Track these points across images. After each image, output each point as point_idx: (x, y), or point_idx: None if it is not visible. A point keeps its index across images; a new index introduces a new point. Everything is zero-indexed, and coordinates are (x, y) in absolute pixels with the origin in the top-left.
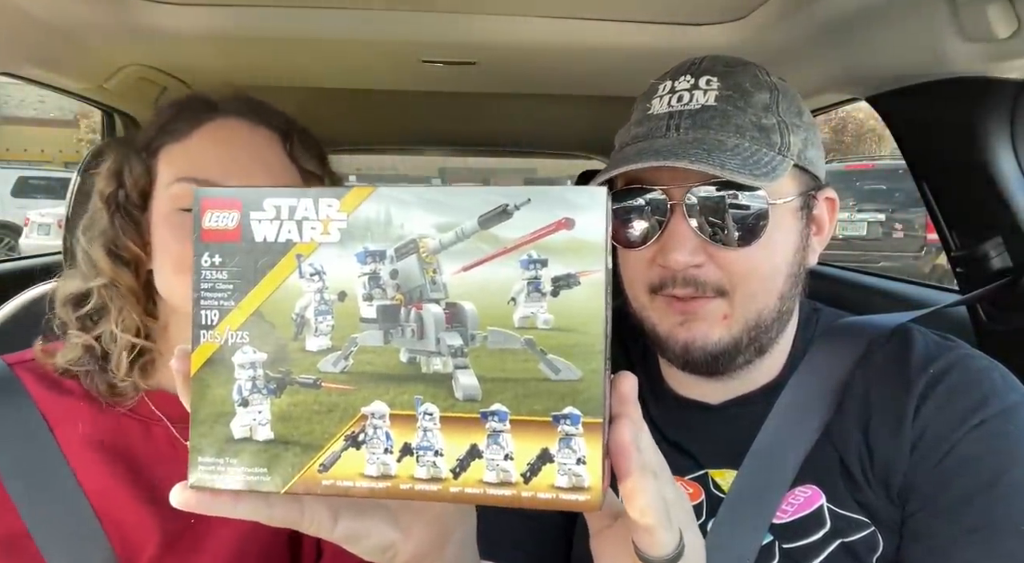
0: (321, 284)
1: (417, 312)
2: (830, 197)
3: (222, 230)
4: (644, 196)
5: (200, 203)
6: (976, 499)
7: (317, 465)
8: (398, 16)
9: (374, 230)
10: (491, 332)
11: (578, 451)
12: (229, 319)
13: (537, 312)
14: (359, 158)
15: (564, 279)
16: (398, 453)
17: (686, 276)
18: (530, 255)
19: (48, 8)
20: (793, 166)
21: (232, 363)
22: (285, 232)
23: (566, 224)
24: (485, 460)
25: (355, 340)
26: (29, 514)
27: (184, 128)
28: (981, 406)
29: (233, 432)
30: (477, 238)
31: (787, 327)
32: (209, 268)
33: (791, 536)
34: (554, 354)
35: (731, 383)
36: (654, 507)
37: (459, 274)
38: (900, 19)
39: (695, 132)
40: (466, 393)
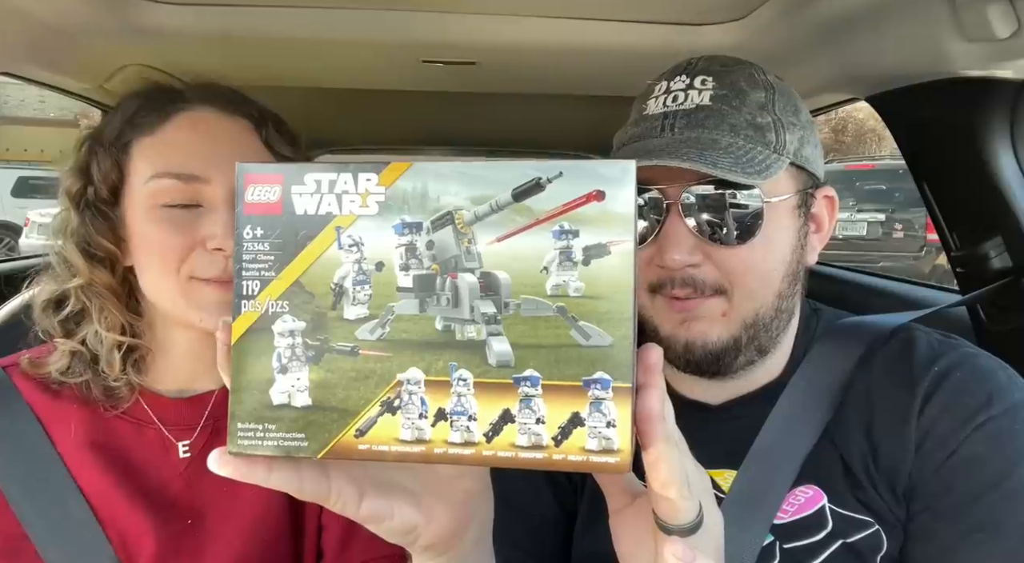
0: (359, 255)
1: (452, 281)
2: (829, 195)
3: (264, 203)
4: (641, 196)
5: (243, 178)
6: (981, 498)
7: (353, 430)
8: (398, 16)
9: (411, 203)
10: (524, 300)
11: (608, 415)
12: (270, 289)
13: (569, 280)
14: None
15: (595, 249)
16: (432, 418)
17: (684, 276)
18: (562, 226)
19: (48, 8)
20: (790, 164)
21: (272, 331)
22: (325, 205)
23: (597, 196)
24: (517, 424)
25: (392, 309)
26: (26, 516)
27: (154, 120)
28: (986, 405)
29: (272, 398)
30: (511, 210)
31: (788, 327)
32: (251, 240)
33: (792, 536)
34: (585, 321)
35: (732, 384)
36: (677, 476)
37: (493, 244)
38: (900, 19)
39: (689, 131)
40: (499, 359)
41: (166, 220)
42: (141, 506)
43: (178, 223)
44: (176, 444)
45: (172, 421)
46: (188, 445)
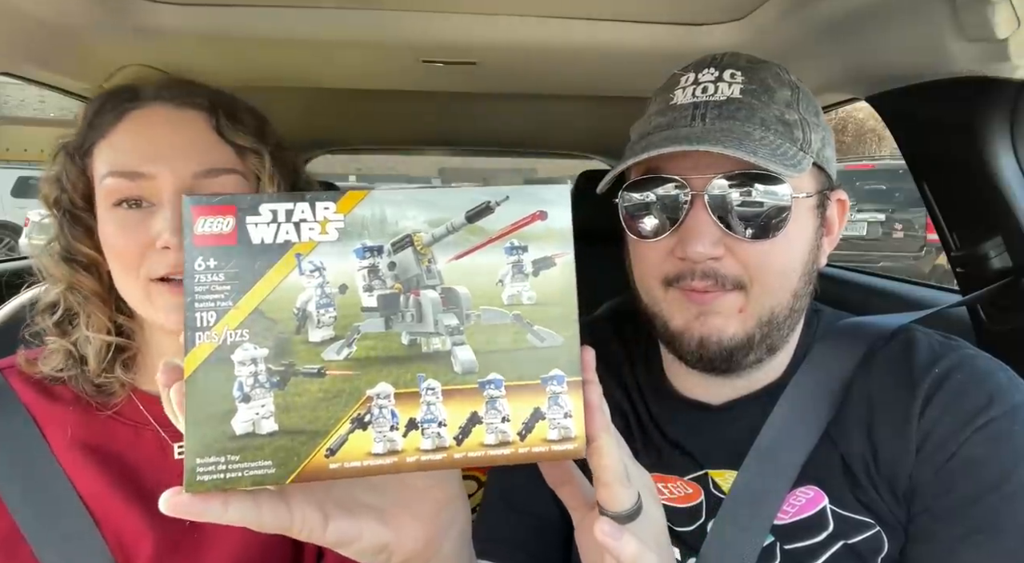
0: (322, 279)
1: (416, 298)
2: (841, 199)
3: (217, 234)
4: (663, 186)
5: (190, 211)
6: (981, 500)
7: (324, 450)
8: (398, 16)
9: (371, 228)
10: (483, 311)
11: (564, 406)
12: (227, 318)
13: (522, 291)
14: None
15: (542, 261)
16: (404, 428)
17: (705, 269)
18: (512, 243)
19: (48, 8)
20: (812, 164)
21: (232, 361)
22: (283, 233)
23: (540, 216)
24: (485, 424)
25: (358, 328)
26: (23, 518)
27: (108, 121)
28: (987, 407)
29: (235, 429)
30: (465, 231)
31: (797, 327)
32: (203, 271)
33: (793, 537)
34: (539, 325)
35: (735, 383)
36: (615, 464)
37: (451, 262)
38: (900, 19)
39: (721, 122)
40: (464, 367)
41: (119, 221)
42: (138, 507)
43: (130, 224)
44: (172, 445)
45: (168, 422)
46: (183, 446)
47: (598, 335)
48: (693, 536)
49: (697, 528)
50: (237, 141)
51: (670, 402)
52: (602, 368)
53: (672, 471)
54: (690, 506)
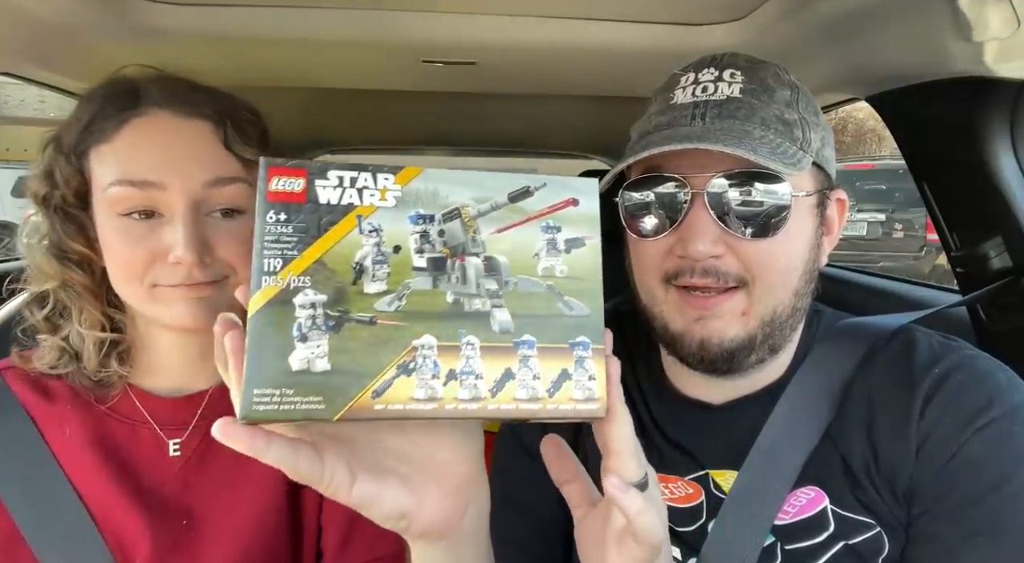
0: (378, 239)
1: (461, 263)
2: (841, 198)
3: (288, 192)
4: (664, 185)
5: (266, 170)
6: (982, 501)
7: (370, 392)
8: (398, 16)
9: (424, 199)
10: (520, 279)
11: (589, 370)
12: (292, 266)
13: (555, 264)
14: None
15: (574, 241)
16: (444, 378)
17: (705, 266)
18: (548, 223)
19: (48, 8)
20: (812, 163)
21: (293, 304)
22: (347, 197)
23: (572, 202)
24: (517, 380)
25: (408, 285)
26: (22, 517)
27: (110, 126)
28: (987, 407)
29: (291, 364)
30: (507, 209)
31: (799, 326)
32: (274, 223)
33: (793, 537)
34: (569, 296)
35: (736, 383)
36: (629, 433)
37: (494, 235)
38: (900, 19)
39: (721, 121)
40: (502, 327)
41: (125, 231)
42: (137, 506)
43: (137, 235)
44: (168, 442)
45: (165, 420)
46: (179, 444)
47: None
48: (694, 536)
49: (698, 528)
50: (244, 155)
51: (671, 402)
52: None
53: (673, 471)
54: (691, 506)
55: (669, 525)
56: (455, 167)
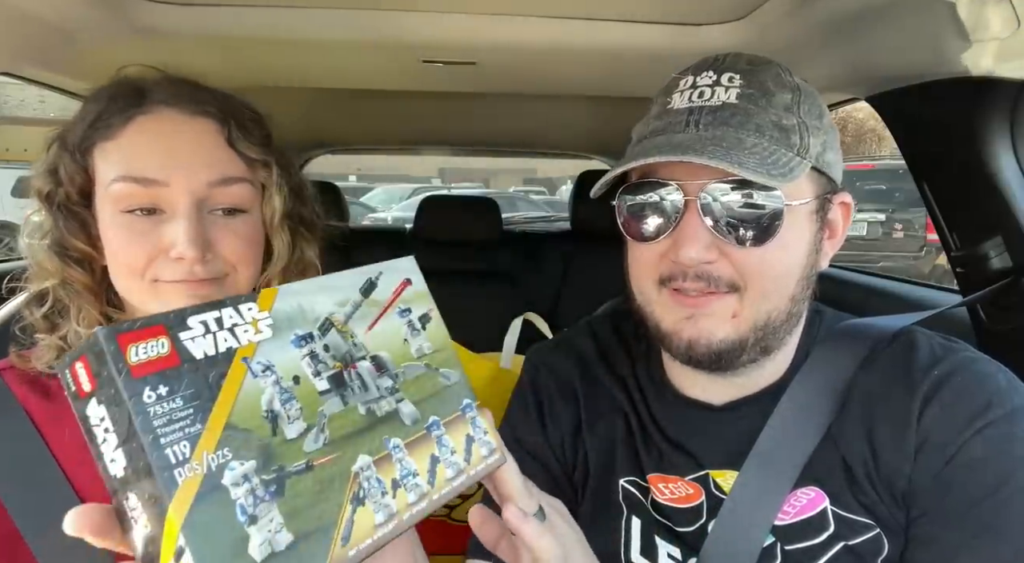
0: (275, 376)
1: (355, 371)
2: (845, 202)
3: (155, 359)
4: (659, 191)
5: (116, 342)
6: (982, 503)
7: (339, 541)
8: (398, 16)
9: (295, 319)
10: (405, 367)
11: (481, 426)
12: (203, 443)
13: (422, 343)
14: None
15: (424, 317)
16: (391, 490)
17: (698, 271)
18: (400, 307)
19: (48, 8)
20: (811, 168)
21: (225, 485)
22: (222, 341)
23: (408, 283)
24: (443, 461)
25: (323, 413)
26: (21, 517)
27: (115, 123)
28: (986, 409)
29: (255, 556)
30: (365, 305)
31: (795, 329)
32: (155, 402)
33: (793, 538)
34: (442, 367)
35: (735, 382)
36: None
37: (367, 333)
38: (900, 19)
39: (715, 129)
40: (411, 418)
41: (127, 227)
42: None
43: (139, 231)
44: None
45: None
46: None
47: (599, 335)
48: (694, 536)
49: (698, 528)
50: (248, 154)
51: (671, 402)
52: (603, 367)
53: (673, 471)
54: (691, 506)
55: (669, 525)
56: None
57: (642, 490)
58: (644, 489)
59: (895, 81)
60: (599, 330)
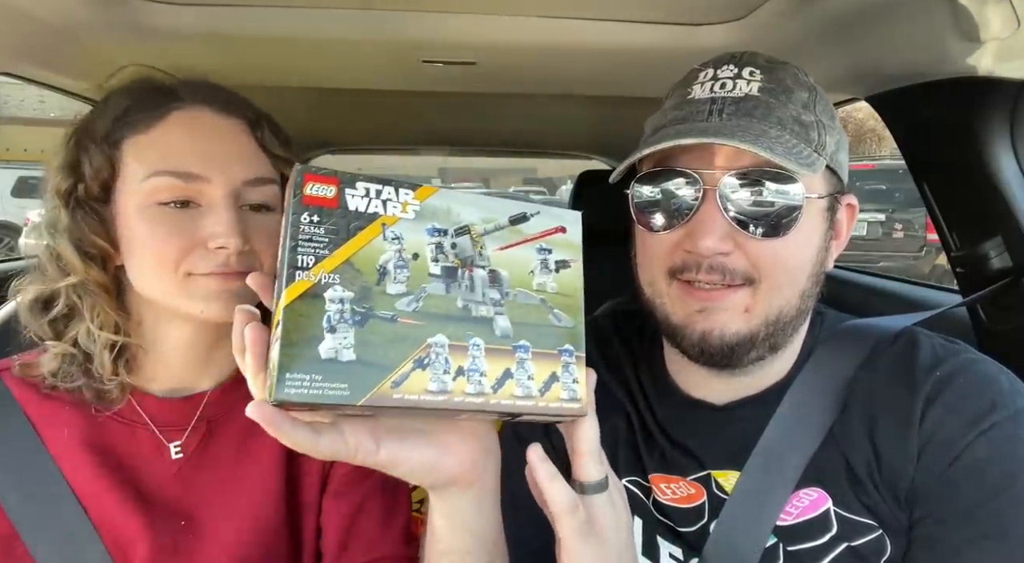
0: (400, 246)
1: (469, 273)
2: (851, 204)
3: (322, 197)
4: (675, 179)
5: (301, 175)
6: (986, 505)
7: (390, 382)
8: (398, 16)
9: (439, 215)
10: (518, 292)
11: (573, 374)
12: (324, 263)
13: (547, 281)
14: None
15: (562, 262)
16: (454, 373)
17: (713, 262)
18: (541, 245)
19: (48, 8)
20: (825, 167)
21: (324, 297)
22: (373, 206)
23: (562, 230)
24: (515, 379)
25: (424, 289)
26: (19, 518)
27: (148, 118)
28: (990, 411)
29: (321, 353)
30: (508, 231)
31: (801, 328)
32: (308, 224)
33: (796, 538)
34: (558, 309)
35: (738, 382)
36: (594, 439)
37: (497, 252)
38: (900, 19)
39: (738, 119)
40: (503, 332)
41: (163, 220)
42: (135, 508)
43: (176, 223)
44: (168, 445)
45: (163, 421)
46: (180, 446)
47: (600, 334)
48: (696, 536)
49: (700, 528)
50: (276, 152)
51: (673, 402)
52: (604, 367)
53: (675, 471)
54: (693, 506)
55: (671, 525)
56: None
57: (644, 490)
58: (646, 489)
59: (895, 81)
60: (600, 330)
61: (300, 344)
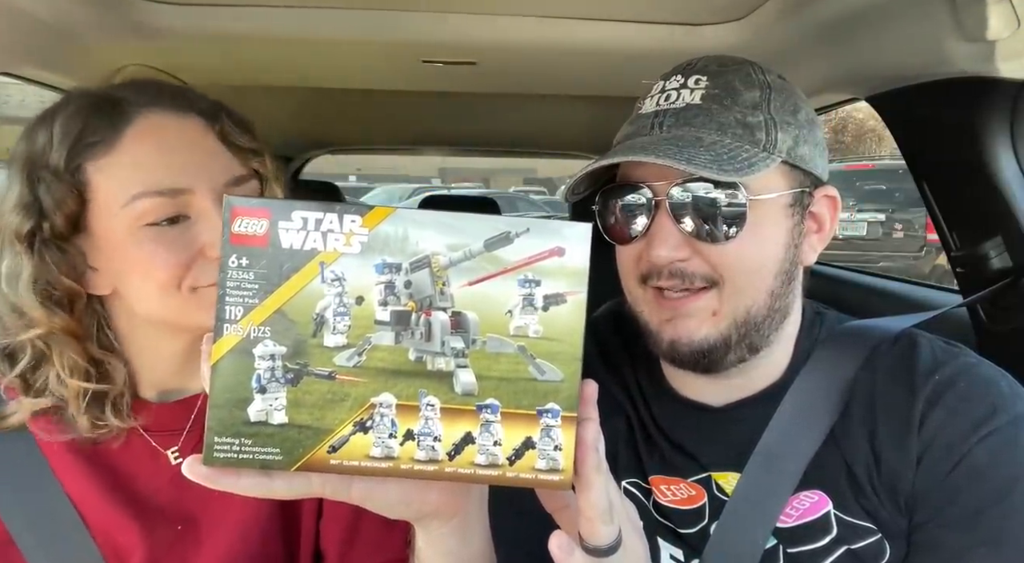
0: (341, 289)
1: (427, 318)
2: (830, 195)
3: (251, 235)
4: (632, 194)
5: (231, 210)
6: (987, 510)
7: (327, 447)
8: (398, 16)
9: (392, 245)
10: (489, 338)
11: (556, 440)
12: (253, 315)
13: (529, 323)
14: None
15: (554, 297)
16: (401, 437)
17: (672, 269)
18: (526, 275)
19: (48, 8)
20: (782, 163)
21: (253, 354)
22: (311, 241)
23: (558, 252)
24: (477, 445)
25: (369, 339)
26: (14, 525)
27: (105, 138)
28: (991, 416)
29: (250, 415)
30: (482, 258)
31: (783, 326)
32: (236, 268)
33: (796, 541)
34: (541, 359)
35: (731, 383)
36: (600, 501)
37: (465, 287)
38: (900, 19)
39: (676, 129)
40: (465, 389)
41: (158, 240)
42: (130, 513)
43: (172, 240)
44: (164, 452)
45: (158, 426)
46: (177, 451)
47: (599, 335)
48: (696, 538)
49: (700, 530)
50: (238, 143)
51: (672, 403)
52: (604, 368)
53: (675, 473)
54: (693, 508)
55: (671, 527)
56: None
57: (644, 492)
58: (646, 491)
59: (895, 81)
60: (600, 331)
61: (228, 406)
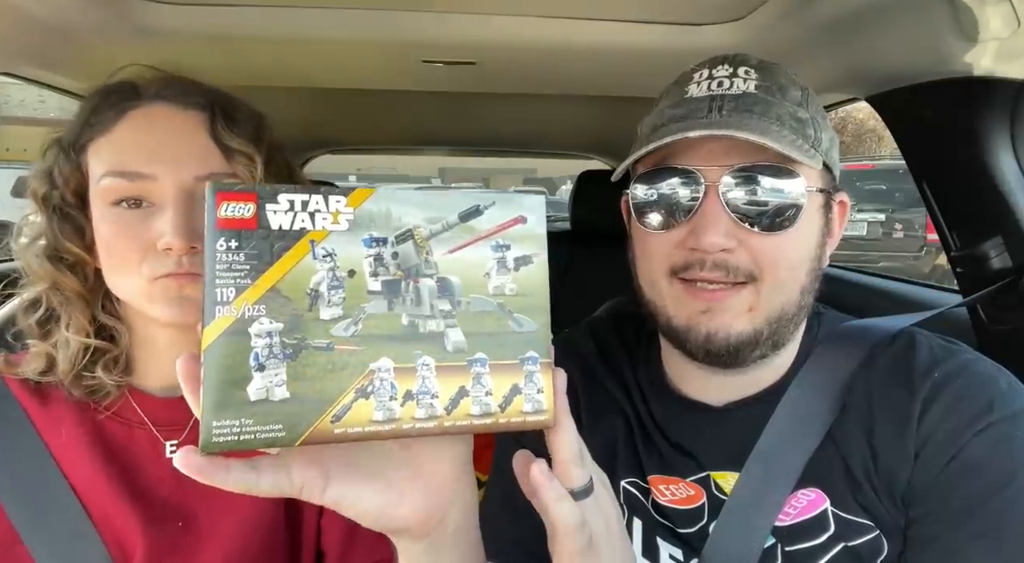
0: (333, 264)
1: (415, 285)
2: (843, 201)
3: (238, 219)
4: (676, 177)
5: (215, 196)
6: (983, 504)
7: (330, 417)
8: (398, 16)
9: (377, 222)
10: (472, 299)
11: (538, 383)
12: (246, 295)
13: (505, 283)
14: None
15: (522, 259)
16: (401, 399)
17: (716, 260)
18: (498, 242)
19: (48, 8)
20: (822, 163)
21: (249, 333)
22: (299, 221)
23: (521, 220)
24: (471, 397)
25: (363, 309)
26: (18, 517)
27: (108, 120)
28: (987, 411)
29: (250, 395)
30: (458, 229)
31: (801, 325)
32: (225, 251)
33: (794, 539)
34: (518, 313)
35: (735, 383)
36: (572, 442)
37: (446, 255)
38: (900, 19)
39: (738, 115)
40: (456, 346)
41: (117, 221)
42: (134, 507)
43: (129, 223)
44: (164, 443)
45: (162, 420)
46: (176, 445)
47: (599, 335)
48: (695, 538)
49: (699, 530)
50: (230, 144)
51: (671, 403)
52: (603, 368)
53: (674, 473)
54: (692, 508)
55: (670, 526)
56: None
57: (643, 491)
58: (645, 490)
59: (895, 81)
60: (600, 331)
61: (226, 388)
